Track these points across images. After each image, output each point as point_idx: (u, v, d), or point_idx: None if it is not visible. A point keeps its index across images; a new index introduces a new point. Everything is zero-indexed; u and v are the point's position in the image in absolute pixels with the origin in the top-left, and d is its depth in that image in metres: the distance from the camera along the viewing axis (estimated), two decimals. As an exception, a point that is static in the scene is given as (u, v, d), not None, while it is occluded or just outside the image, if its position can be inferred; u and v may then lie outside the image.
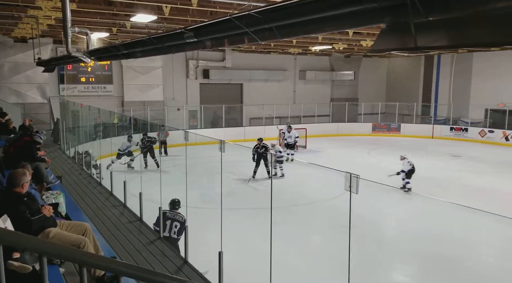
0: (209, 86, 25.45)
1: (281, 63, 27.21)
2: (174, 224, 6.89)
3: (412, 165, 12.67)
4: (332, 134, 25.29)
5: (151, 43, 7.10)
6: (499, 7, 2.60)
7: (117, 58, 9.83)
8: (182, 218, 6.97)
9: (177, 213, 7.07)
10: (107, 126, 15.51)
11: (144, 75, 22.76)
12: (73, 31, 8.26)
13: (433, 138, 24.80)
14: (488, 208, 7.40)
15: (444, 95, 27.10)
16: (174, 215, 7.00)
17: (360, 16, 3.50)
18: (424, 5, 2.89)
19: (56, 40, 19.03)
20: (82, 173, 11.69)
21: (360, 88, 30.06)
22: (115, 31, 14.41)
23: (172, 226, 6.88)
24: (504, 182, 14.43)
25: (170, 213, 7.03)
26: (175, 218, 6.95)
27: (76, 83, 21.60)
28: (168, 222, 6.90)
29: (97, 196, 9.30)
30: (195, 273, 5.72)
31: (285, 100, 26.63)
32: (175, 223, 6.90)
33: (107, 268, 2.72)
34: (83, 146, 13.76)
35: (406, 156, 12.98)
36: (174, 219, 6.93)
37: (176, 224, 6.89)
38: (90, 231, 4.55)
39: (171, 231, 6.89)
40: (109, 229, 7.19)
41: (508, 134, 22.36)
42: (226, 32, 5.33)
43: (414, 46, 3.25)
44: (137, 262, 5.81)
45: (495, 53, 23.32)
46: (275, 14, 4.26)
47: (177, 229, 6.85)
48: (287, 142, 18.16)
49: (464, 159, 18.68)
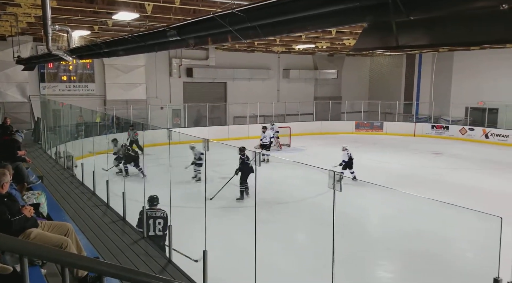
0: (192, 85, 25.32)
1: (265, 62, 27.24)
2: (158, 222, 6.84)
3: (349, 156, 13.89)
4: (316, 132, 25.44)
5: (133, 42, 7.04)
6: (477, 7, 2.66)
7: (99, 56, 9.71)
8: (163, 213, 6.93)
9: (157, 209, 7.02)
10: (89, 125, 15.29)
11: (127, 73, 22.52)
12: (54, 29, 8.12)
13: (415, 136, 25.16)
14: (469, 205, 7.55)
15: (425, 93, 27.52)
16: (155, 213, 6.93)
17: (343, 15, 3.53)
18: (406, 4, 2.93)
19: (36, 38, 18.67)
20: (63, 173, 11.52)
21: (343, 86, 30.30)
22: (96, 29, 14.22)
23: (155, 224, 6.84)
24: (484, 178, 14.75)
25: (151, 211, 6.96)
26: (156, 215, 6.89)
27: (57, 81, 21.23)
28: (151, 221, 6.84)
29: (79, 196, 9.17)
30: (179, 272, 5.70)
31: (269, 99, 26.68)
32: (158, 220, 6.86)
33: (89, 268, 2.69)
34: (65, 146, 13.55)
35: (347, 148, 14.09)
36: (156, 217, 6.87)
37: (159, 221, 6.85)
38: (72, 231, 4.49)
39: (156, 229, 6.85)
40: (92, 229, 7.10)
41: (488, 131, 22.83)
42: (209, 31, 5.32)
43: (396, 45, 3.29)
44: (121, 262, 5.76)
45: (475, 53, 23.80)
46: (258, 13, 4.27)
47: (161, 226, 6.81)
48: (262, 142, 18.06)
49: (446, 157, 19.01)
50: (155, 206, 7.09)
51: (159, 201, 7.18)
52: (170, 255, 6.17)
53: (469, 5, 2.69)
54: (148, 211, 6.94)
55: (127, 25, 13.72)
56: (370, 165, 15.91)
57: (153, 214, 6.90)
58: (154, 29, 6.47)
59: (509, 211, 9.89)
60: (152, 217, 6.87)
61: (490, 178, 14.92)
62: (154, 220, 6.85)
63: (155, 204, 7.13)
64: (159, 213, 6.93)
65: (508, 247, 3.35)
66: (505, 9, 2.51)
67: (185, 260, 6.28)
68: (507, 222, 3.20)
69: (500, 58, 22.97)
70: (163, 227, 6.80)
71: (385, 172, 15.21)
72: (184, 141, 9.61)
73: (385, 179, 13.81)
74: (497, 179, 14.69)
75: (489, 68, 23.75)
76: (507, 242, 3.33)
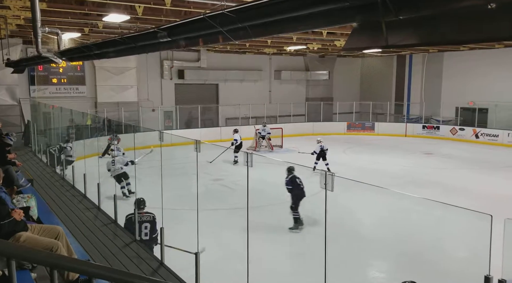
0: (184, 87, 25.26)
1: (256, 63, 27.27)
2: (144, 226, 6.70)
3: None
4: (308, 133, 25.48)
5: (124, 43, 7.01)
6: (465, 5, 2.68)
7: (90, 58, 9.66)
8: (149, 217, 6.76)
9: (144, 213, 6.84)
10: (80, 128, 15.17)
11: (118, 75, 22.40)
12: (44, 31, 8.07)
13: (406, 136, 25.32)
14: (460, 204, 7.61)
15: (416, 94, 27.71)
16: (141, 217, 6.75)
17: (333, 15, 3.55)
18: (395, 4, 2.94)
19: (26, 40, 18.50)
20: (54, 176, 11.42)
21: (334, 87, 30.41)
22: (87, 31, 14.13)
23: (141, 228, 6.69)
24: (475, 178, 14.88)
25: (137, 215, 6.78)
26: (142, 220, 6.72)
27: (47, 84, 21.05)
28: (137, 226, 6.72)
29: (70, 199, 9.10)
30: (172, 275, 5.67)
31: (261, 100, 26.70)
32: (144, 224, 6.70)
33: (79, 270, 2.67)
34: (56, 148, 13.42)
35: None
36: (142, 221, 6.72)
37: (145, 225, 6.69)
38: (63, 235, 4.45)
39: (142, 233, 6.70)
40: (83, 232, 7.04)
41: (478, 131, 23.04)
42: (200, 31, 5.31)
43: (385, 44, 3.31)
44: (112, 265, 5.71)
45: (465, 53, 24.02)
46: (249, 14, 4.27)
47: (147, 230, 6.67)
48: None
49: (437, 157, 19.14)
50: (142, 210, 6.92)
51: (145, 204, 7.01)
52: (162, 257, 6.13)
53: (457, 4, 2.71)
54: (132, 215, 6.80)
55: (117, 27, 13.66)
56: (362, 166, 15.99)
57: (139, 218, 6.74)
58: (145, 30, 6.44)
59: (499, 209, 9.99)
60: (138, 221, 6.72)
61: (480, 177, 15.06)
62: (140, 224, 6.69)
63: (142, 207, 6.95)
64: (145, 217, 6.76)
65: (498, 245, 3.38)
66: (493, 8, 2.53)
67: (177, 262, 6.24)
68: (497, 220, 3.22)
69: (489, 58, 23.20)
70: (150, 231, 6.65)
71: (376, 172, 15.28)
72: (175, 143, 9.58)
73: (376, 179, 13.86)
74: (488, 178, 14.83)
75: (478, 68, 23.98)
76: (498, 240, 3.36)
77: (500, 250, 3.40)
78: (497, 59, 22.89)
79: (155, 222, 6.69)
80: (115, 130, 16.41)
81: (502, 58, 22.58)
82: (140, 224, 6.69)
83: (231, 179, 14.05)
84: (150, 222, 6.71)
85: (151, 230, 6.68)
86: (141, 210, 6.91)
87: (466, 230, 8.79)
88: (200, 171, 6.41)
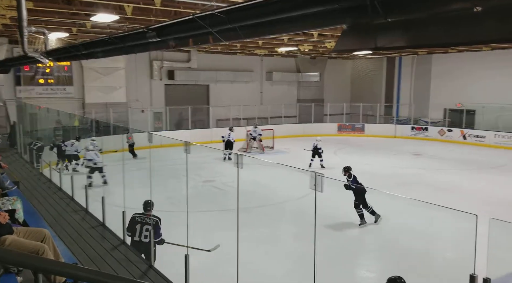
0: (174, 87, 25.12)
1: (247, 64, 27.24)
2: (145, 228, 6.53)
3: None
4: (299, 134, 25.54)
5: (112, 43, 6.95)
6: (452, 9, 2.70)
7: (77, 58, 9.57)
8: (153, 220, 6.59)
9: (148, 215, 6.66)
10: (67, 129, 15.02)
11: (106, 76, 22.20)
12: (30, 31, 7.98)
13: (395, 137, 25.51)
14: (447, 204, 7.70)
15: (405, 95, 27.94)
16: (144, 218, 6.60)
17: (322, 17, 3.55)
18: (383, 6, 2.96)
19: (12, 40, 18.23)
20: (41, 178, 11.28)
21: (325, 89, 30.53)
22: (75, 31, 13.98)
23: (142, 230, 6.53)
24: (462, 178, 15.03)
25: (140, 216, 6.64)
26: (145, 221, 6.57)
27: (33, 84, 20.74)
28: (138, 226, 6.54)
29: (57, 201, 8.99)
30: (161, 277, 5.62)
31: (252, 101, 26.68)
32: (146, 226, 6.54)
33: (66, 274, 2.62)
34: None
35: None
36: (144, 223, 6.55)
37: (146, 227, 6.53)
38: (49, 237, 4.39)
39: (141, 235, 6.53)
40: (71, 235, 6.96)
41: (466, 132, 23.30)
42: (190, 32, 5.29)
43: (375, 46, 3.33)
44: (100, 269, 5.65)
45: (453, 55, 24.29)
46: (238, 15, 4.26)
47: (148, 232, 6.49)
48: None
49: (425, 157, 19.31)
50: (148, 212, 6.70)
51: (152, 207, 6.81)
52: (152, 260, 6.09)
53: (444, 7, 2.73)
54: (138, 215, 6.66)
55: (106, 27, 13.54)
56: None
57: (142, 219, 6.60)
58: (134, 30, 6.39)
59: (485, 209, 10.11)
60: (140, 222, 6.57)
61: (467, 177, 15.22)
62: (142, 225, 6.54)
63: (148, 209, 6.75)
64: (148, 219, 6.59)
65: (483, 244, 3.41)
66: (478, 11, 2.55)
67: (166, 264, 6.20)
68: (482, 221, 3.26)
69: (477, 60, 23.50)
70: (151, 234, 6.48)
71: (366, 173, 15.33)
72: (165, 145, 9.53)
73: (366, 180, 13.95)
74: (474, 179, 15.00)
75: (466, 70, 24.27)
76: (483, 239, 3.39)
77: (485, 249, 3.43)
78: (484, 62, 23.18)
79: (159, 227, 6.53)
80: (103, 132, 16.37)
81: (489, 61, 22.87)
82: (142, 225, 6.54)
83: (223, 180, 14.01)
84: (153, 225, 6.52)
85: (153, 234, 6.49)
86: (147, 212, 6.71)
87: (453, 229, 8.88)
88: (191, 173, 6.38)
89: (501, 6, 2.57)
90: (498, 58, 22.32)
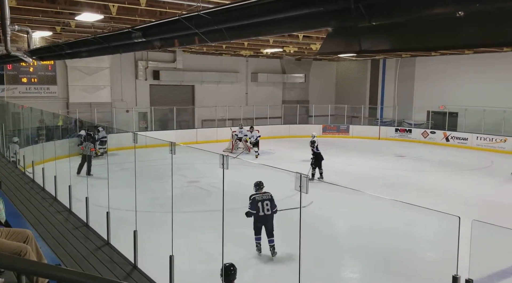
0: (159, 88, 24.98)
1: (233, 65, 27.24)
2: (265, 203, 7.85)
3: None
4: (284, 135, 25.64)
5: (97, 43, 6.89)
6: (435, 13, 2.76)
7: (61, 57, 9.45)
8: (268, 195, 7.93)
9: (264, 193, 7.96)
10: (50, 129, 14.81)
11: (91, 75, 21.96)
12: (13, 30, 7.83)
13: (379, 139, 25.79)
14: (430, 205, 7.85)
15: (389, 97, 28.29)
16: (262, 196, 7.91)
17: (308, 19, 3.59)
18: (368, 10, 3.00)
19: (-6, 38, 17.93)
20: (23, 178, 11.10)
21: (310, 90, 30.71)
22: (59, 30, 13.79)
23: (263, 205, 7.84)
24: (445, 179, 15.28)
25: (258, 196, 7.91)
26: (263, 198, 7.89)
27: (17, 83, 20.43)
28: (260, 204, 7.85)
29: (40, 201, 8.86)
30: (145, 278, 5.59)
31: (238, 102, 26.68)
32: (265, 202, 7.86)
33: (49, 275, 2.59)
34: (25, 150, 13.08)
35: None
36: (263, 199, 7.87)
37: (266, 202, 7.85)
38: (32, 238, 4.32)
39: (264, 209, 7.83)
40: (54, 236, 6.87)
41: (449, 134, 23.69)
42: (175, 33, 5.27)
43: (359, 49, 3.37)
44: (84, 270, 5.59)
45: (436, 58, 24.69)
46: (224, 16, 4.27)
47: (269, 206, 7.86)
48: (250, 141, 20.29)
49: (408, 159, 19.57)
50: (261, 190, 8.00)
51: (263, 185, 8.11)
52: (136, 260, 6.04)
53: (427, 12, 2.79)
54: (256, 195, 7.93)
55: (91, 26, 13.39)
56: (336, 168, 16.18)
57: (260, 197, 7.90)
58: (119, 30, 6.35)
59: (467, 210, 10.30)
60: (260, 200, 7.88)
61: (450, 179, 15.47)
62: (262, 202, 7.86)
63: (262, 187, 8.07)
64: (265, 196, 7.92)
65: (466, 245, 3.48)
66: (461, 16, 2.62)
67: (152, 265, 6.16)
68: (464, 222, 3.32)
69: (459, 64, 23.93)
70: (271, 206, 7.89)
71: (351, 174, 15.51)
72: (150, 145, 9.47)
73: (351, 181, 14.11)
74: (457, 180, 15.26)
75: (449, 73, 24.69)
76: (465, 241, 3.46)
77: (468, 251, 3.50)
78: (467, 65, 23.63)
79: (273, 200, 7.94)
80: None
81: (472, 64, 23.32)
82: (262, 202, 7.88)
83: (207, 181, 13.98)
84: (270, 200, 7.90)
85: (271, 207, 7.90)
86: (260, 190, 8.01)
87: (436, 231, 9.02)
88: (176, 173, 6.35)
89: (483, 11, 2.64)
90: (480, 61, 22.77)
